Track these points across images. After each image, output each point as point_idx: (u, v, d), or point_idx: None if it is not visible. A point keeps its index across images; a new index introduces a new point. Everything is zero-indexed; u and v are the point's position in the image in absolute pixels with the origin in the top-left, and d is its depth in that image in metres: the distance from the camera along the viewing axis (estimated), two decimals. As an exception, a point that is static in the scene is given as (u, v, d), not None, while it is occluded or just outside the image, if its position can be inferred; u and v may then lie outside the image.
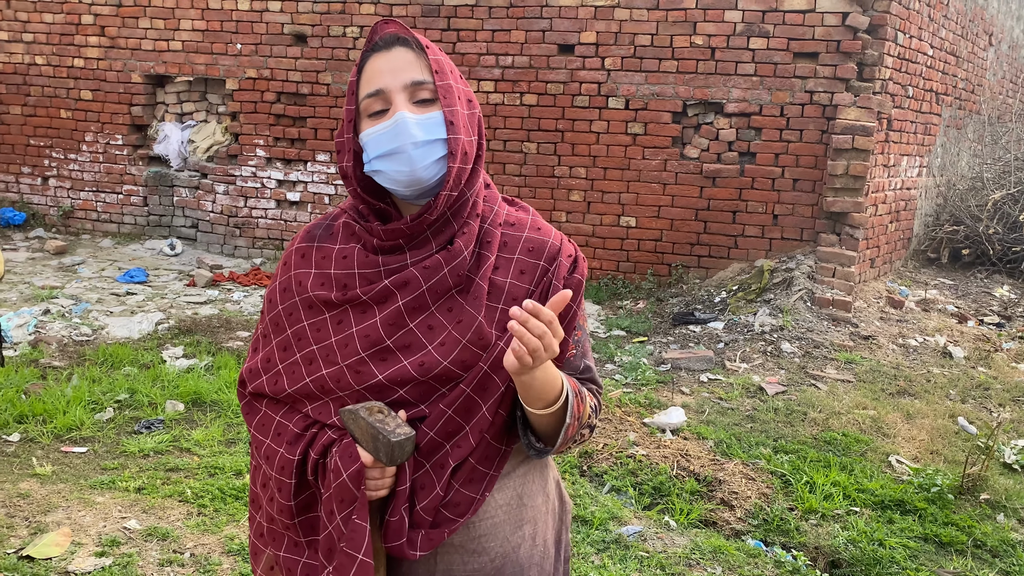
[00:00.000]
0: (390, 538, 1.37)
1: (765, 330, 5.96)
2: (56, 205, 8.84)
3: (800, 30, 6.59)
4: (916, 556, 3.35)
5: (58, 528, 3.24)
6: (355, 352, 1.38)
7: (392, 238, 1.39)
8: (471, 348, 1.36)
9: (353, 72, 1.40)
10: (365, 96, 1.37)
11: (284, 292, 1.47)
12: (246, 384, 1.52)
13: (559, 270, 1.42)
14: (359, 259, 1.41)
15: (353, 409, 1.34)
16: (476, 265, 1.40)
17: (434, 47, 1.39)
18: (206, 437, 4.14)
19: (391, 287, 1.37)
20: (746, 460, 4.03)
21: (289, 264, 1.48)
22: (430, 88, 1.36)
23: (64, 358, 5.19)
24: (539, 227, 1.47)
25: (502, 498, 1.44)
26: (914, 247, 8.55)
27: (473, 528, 1.42)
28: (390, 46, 1.38)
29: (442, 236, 1.39)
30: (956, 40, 8.27)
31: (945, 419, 4.80)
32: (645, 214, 7.14)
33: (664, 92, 6.97)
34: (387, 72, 1.36)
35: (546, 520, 1.52)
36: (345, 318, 1.40)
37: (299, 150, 8.01)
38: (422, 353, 1.36)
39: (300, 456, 1.40)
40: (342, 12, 7.67)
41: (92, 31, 8.40)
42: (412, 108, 1.35)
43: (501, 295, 1.40)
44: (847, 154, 6.48)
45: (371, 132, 1.36)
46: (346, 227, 1.46)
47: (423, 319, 1.38)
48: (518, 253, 1.43)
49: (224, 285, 7.24)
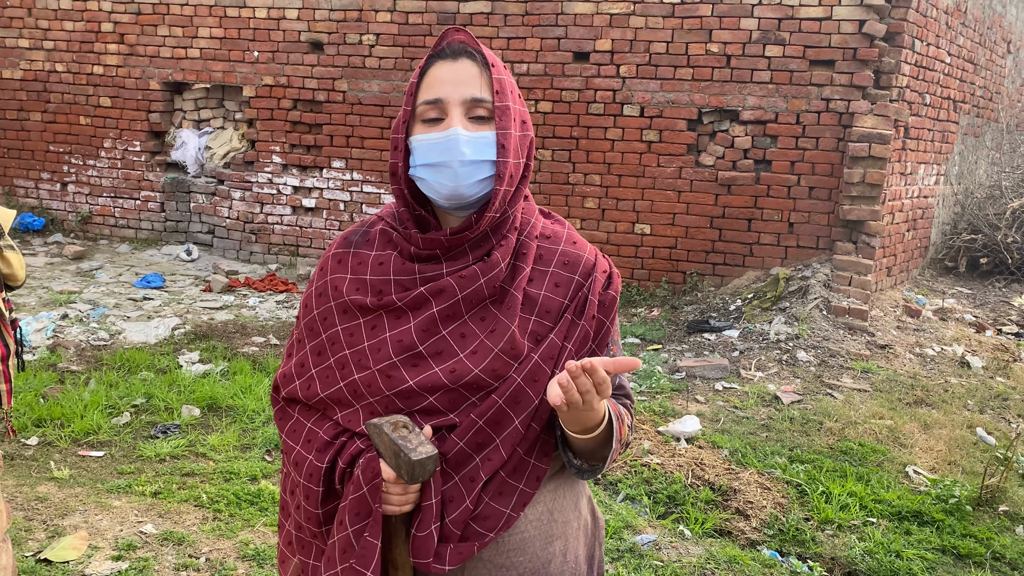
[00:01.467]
0: (418, 553, 1.35)
1: (780, 339, 5.93)
2: (75, 210, 8.92)
3: (816, 38, 6.57)
4: (934, 568, 3.32)
5: (75, 532, 3.26)
6: (387, 357, 1.38)
7: (430, 248, 1.39)
8: (503, 357, 1.36)
9: (415, 74, 1.40)
10: (423, 102, 1.37)
11: (320, 297, 1.47)
12: (280, 389, 1.52)
13: (594, 285, 1.42)
14: (395, 266, 1.42)
15: (378, 423, 1.33)
16: (511, 276, 1.40)
17: (499, 64, 1.39)
18: (222, 442, 4.16)
19: (426, 294, 1.38)
20: (761, 469, 4.01)
21: (325, 269, 1.49)
22: (488, 107, 1.36)
23: (82, 362, 5.23)
24: (575, 241, 1.47)
25: (532, 513, 1.42)
26: (931, 256, 8.49)
27: (502, 543, 1.40)
28: (457, 56, 1.38)
29: (480, 249, 1.40)
30: (974, 48, 8.22)
31: (963, 429, 4.75)
32: (660, 221, 7.13)
33: (679, 99, 6.96)
34: (448, 83, 1.36)
35: (577, 536, 1.50)
36: (379, 323, 1.41)
37: (315, 157, 8.05)
38: (453, 360, 1.36)
39: (328, 464, 1.40)
40: (358, 20, 7.72)
41: (111, 39, 8.49)
42: (466, 124, 1.35)
43: (535, 307, 1.40)
44: (864, 162, 6.45)
45: (422, 139, 1.37)
46: (383, 234, 1.46)
47: (456, 327, 1.38)
48: (553, 266, 1.43)
49: (240, 291, 7.28)
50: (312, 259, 8.16)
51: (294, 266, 8.13)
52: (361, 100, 7.81)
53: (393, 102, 7.72)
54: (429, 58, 1.40)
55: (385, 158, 7.85)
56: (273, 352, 5.58)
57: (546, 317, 1.40)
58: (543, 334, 1.39)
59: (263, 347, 5.71)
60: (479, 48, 1.38)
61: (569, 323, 1.40)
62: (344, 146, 7.94)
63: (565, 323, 1.40)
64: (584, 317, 1.40)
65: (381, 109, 7.78)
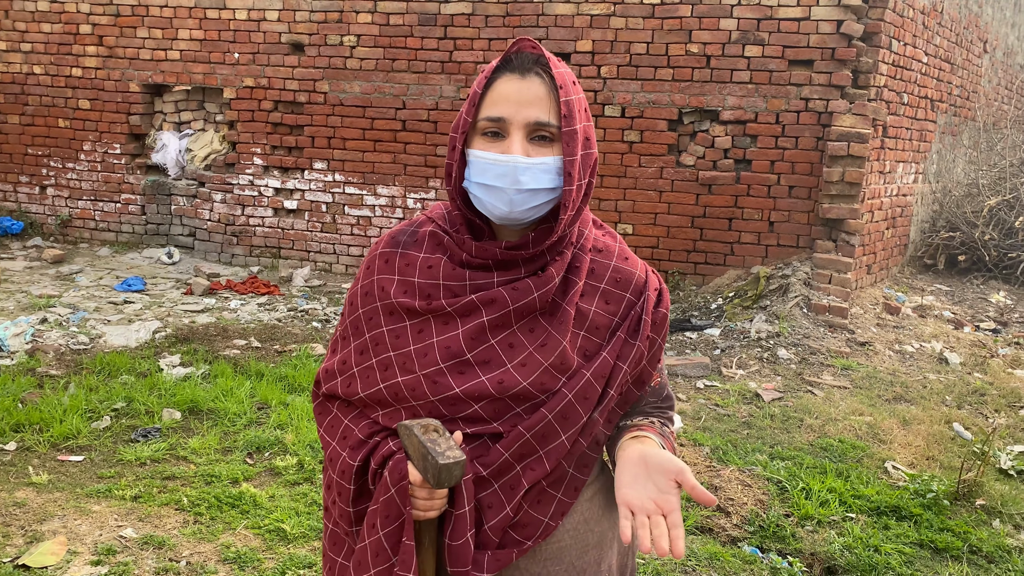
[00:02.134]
0: (455, 561, 1.34)
1: (761, 336, 5.97)
2: (54, 214, 8.85)
3: (795, 38, 6.62)
4: (912, 562, 3.35)
5: (54, 537, 3.24)
6: (434, 362, 1.36)
7: (482, 258, 1.37)
8: (552, 371, 1.35)
9: (480, 82, 1.35)
10: (485, 118, 1.33)
11: (366, 296, 1.45)
12: (321, 384, 1.51)
13: (647, 304, 1.42)
14: (445, 271, 1.39)
15: (408, 425, 1.32)
16: (562, 290, 1.39)
17: (568, 82, 1.33)
18: (203, 445, 4.15)
19: (477, 302, 1.36)
20: (742, 467, 4.03)
21: (372, 268, 1.47)
22: (552, 130, 1.32)
23: (61, 367, 5.19)
24: (626, 256, 1.46)
25: (569, 522, 1.42)
26: (911, 253, 8.57)
27: (539, 552, 1.40)
28: (526, 72, 1.33)
29: (534, 263, 1.38)
30: (951, 47, 8.31)
31: (941, 425, 4.80)
32: (642, 221, 7.16)
33: (660, 100, 7.00)
34: (514, 103, 1.31)
35: (612, 546, 1.49)
36: (426, 328, 1.39)
37: (296, 158, 8.03)
38: (501, 371, 1.35)
39: (360, 462, 1.39)
40: (339, 21, 7.70)
41: (90, 41, 8.43)
42: (527, 148, 1.32)
43: (585, 322, 1.39)
44: (842, 161, 6.50)
45: (480, 155, 1.33)
46: (433, 236, 1.44)
47: (504, 336, 1.36)
48: (605, 283, 1.42)
49: (221, 293, 7.25)
50: (293, 261, 8.14)
51: (276, 268, 8.10)
52: (343, 101, 7.80)
53: (375, 103, 7.72)
54: (497, 67, 1.35)
55: (367, 159, 7.84)
56: (254, 355, 5.56)
57: (596, 333, 1.39)
58: (592, 350, 1.38)
59: (244, 350, 5.68)
60: (550, 65, 1.33)
61: (623, 342, 1.39)
62: (326, 147, 7.92)
63: (618, 342, 1.39)
64: (639, 337, 1.40)
65: (363, 110, 7.76)
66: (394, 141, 7.73)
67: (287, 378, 5.09)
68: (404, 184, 7.75)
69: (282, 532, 3.35)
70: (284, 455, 4.09)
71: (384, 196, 7.83)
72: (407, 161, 7.71)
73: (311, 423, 4.40)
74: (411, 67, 7.56)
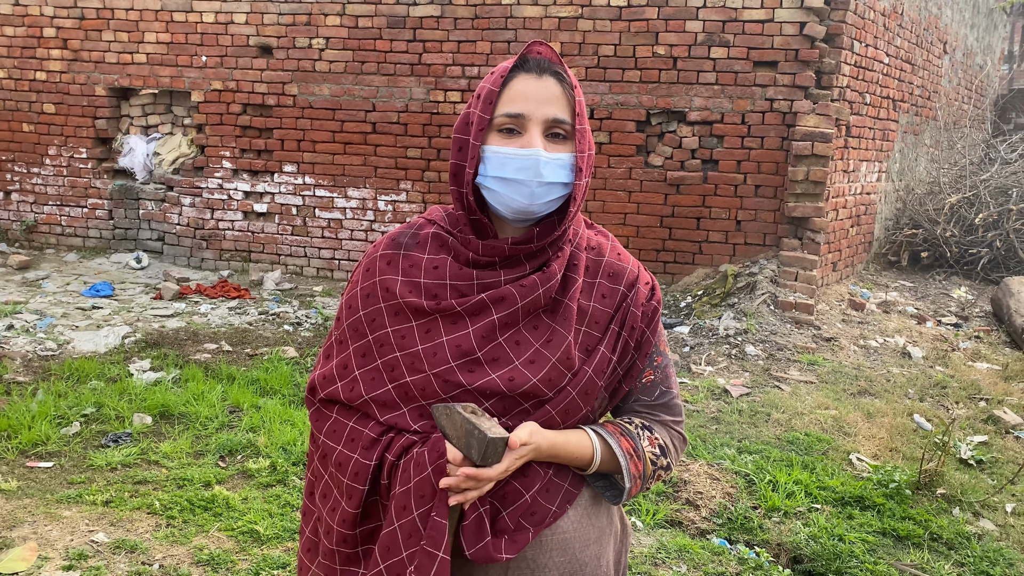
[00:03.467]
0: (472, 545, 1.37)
1: (730, 333, 6.06)
2: (19, 219, 8.74)
3: (759, 39, 6.73)
4: (875, 550, 3.44)
5: (24, 543, 3.22)
6: (444, 361, 1.39)
7: (489, 255, 1.41)
8: (559, 368, 1.39)
9: (496, 81, 1.40)
10: (504, 114, 1.38)
11: (367, 298, 1.46)
12: (317, 391, 1.50)
13: (637, 296, 1.47)
14: (451, 271, 1.43)
15: (449, 405, 1.34)
16: (563, 287, 1.43)
17: (578, 85, 1.42)
18: (174, 449, 4.14)
19: (487, 301, 1.40)
20: (711, 461, 4.11)
21: (373, 270, 1.48)
22: (566, 128, 1.39)
23: (29, 373, 5.14)
24: (619, 253, 1.52)
25: (574, 515, 1.45)
26: (875, 250, 8.73)
27: (545, 542, 1.43)
28: (543, 72, 1.39)
29: (536, 260, 1.42)
30: (911, 48, 8.48)
31: (904, 417, 4.92)
32: (611, 221, 7.23)
33: (628, 101, 7.08)
34: (533, 100, 1.38)
35: (609, 542, 1.53)
36: (434, 327, 1.41)
37: (266, 161, 8.00)
38: (510, 368, 1.39)
39: (376, 461, 1.40)
40: (308, 24, 7.69)
41: (54, 44, 8.34)
42: (546, 144, 1.38)
43: (585, 317, 1.44)
44: (807, 160, 6.62)
45: (499, 151, 1.38)
46: (435, 237, 1.47)
47: (511, 335, 1.40)
48: (600, 278, 1.47)
49: (191, 298, 7.21)
50: (264, 264, 8.11)
51: (247, 272, 8.07)
52: (312, 104, 7.79)
53: (344, 105, 7.71)
54: (513, 68, 1.40)
55: (337, 162, 7.83)
56: (226, 358, 5.55)
57: (595, 328, 1.44)
58: (592, 345, 1.43)
59: (216, 354, 5.66)
60: (565, 68, 1.41)
61: (615, 335, 1.44)
62: (295, 150, 7.90)
63: (612, 335, 1.44)
64: (625, 328, 1.45)
65: (332, 113, 7.76)
66: (364, 144, 7.74)
67: (259, 381, 5.08)
68: (375, 186, 7.76)
69: (255, 534, 3.36)
70: (257, 458, 4.09)
71: (355, 199, 7.83)
72: (377, 163, 7.72)
73: (283, 425, 4.40)
74: (380, 69, 7.57)
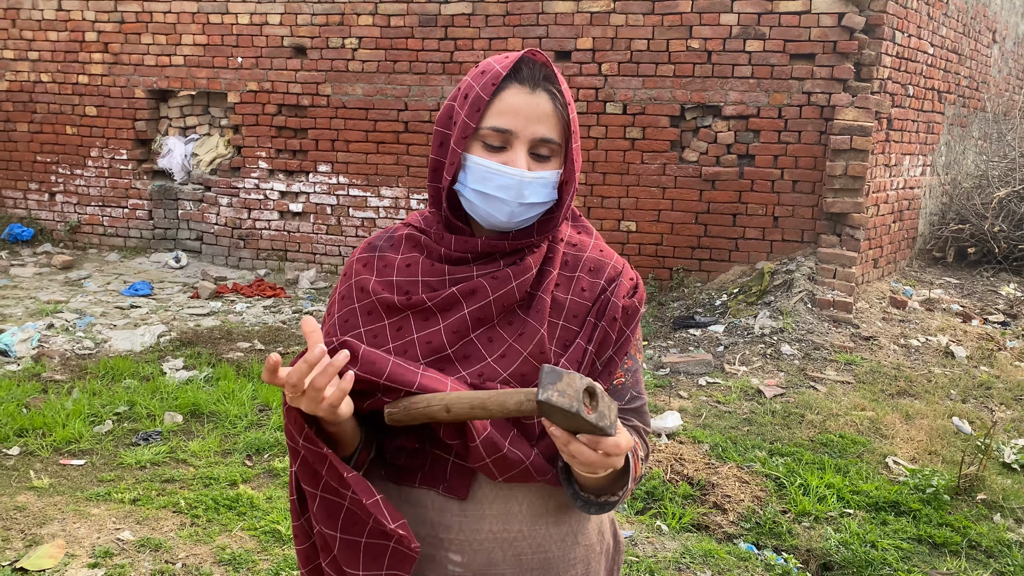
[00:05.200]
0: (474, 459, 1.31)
1: (765, 332, 5.93)
2: (63, 220, 8.94)
3: (796, 31, 6.58)
4: (909, 557, 3.33)
5: (53, 540, 3.27)
6: (414, 359, 1.34)
7: (462, 251, 1.38)
8: (531, 362, 1.34)
9: (487, 87, 1.33)
10: (491, 127, 1.32)
11: (342, 300, 1.44)
12: None
13: (618, 289, 1.40)
14: (423, 268, 1.40)
15: (565, 409, 1.13)
16: (538, 280, 1.39)
17: (570, 99, 1.35)
18: (203, 448, 4.17)
19: (458, 295, 1.36)
20: (741, 463, 4.02)
21: (349, 274, 1.46)
22: (553, 147, 1.34)
23: (66, 372, 5.24)
24: (601, 249, 1.46)
25: (557, 533, 1.39)
26: (919, 246, 8.49)
27: (526, 560, 1.37)
28: (536, 86, 1.33)
29: (511, 255, 1.39)
30: (958, 38, 8.22)
31: (945, 419, 4.76)
32: (645, 218, 7.14)
33: (661, 96, 6.97)
34: (522, 117, 1.32)
35: (599, 560, 1.46)
36: (405, 324, 1.37)
37: (300, 161, 8.07)
38: (481, 364, 1.34)
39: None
40: (340, 24, 7.73)
41: (96, 48, 8.50)
42: (531, 162, 1.33)
43: (562, 311, 1.38)
44: (845, 155, 6.45)
45: (481, 163, 1.33)
46: (409, 238, 1.44)
47: (484, 331, 1.36)
48: (579, 271, 1.42)
49: (228, 297, 7.30)
50: (299, 263, 8.17)
51: (282, 271, 8.15)
52: (345, 104, 7.83)
53: (377, 105, 7.73)
54: (505, 76, 1.33)
55: (371, 161, 7.86)
56: (258, 357, 5.59)
57: (573, 322, 1.38)
58: (570, 339, 1.37)
59: (248, 352, 5.72)
60: (558, 80, 1.34)
61: (592, 326, 1.38)
62: (329, 150, 7.95)
63: (589, 326, 1.38)
64: (604, 318, 1.38)
65: (365, 112, 7.79)
66: (397, 143, 7.75)
67: (289, 380, 5.10)
68: (407, 185, 7.77)
69: (277, 533, 3.37)
70: (283, 456, 4.11)
71: (388, 197, 7.85)
72: (410, 162, 7.72)
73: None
74: (412, 68, 7.58)
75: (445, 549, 1.36)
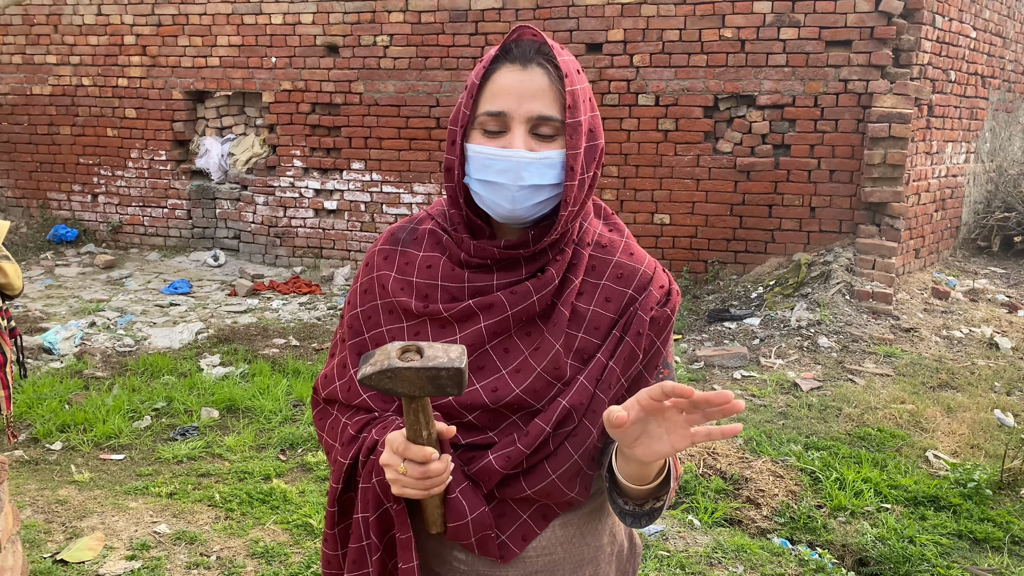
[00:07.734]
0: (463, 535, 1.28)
1: (802, 325, 5.84)
2: (105, 221, 9.13)
3: (831, 18, 6.45)
4: (948, 553, 3.25)
5: (92, 533, 3.34)
6: None
7: (481, 257, 1.31)
8: (546, 378, 1.28)
9: (479, 72, 1.27)
10: (485, 112, 1.25)
11: (365, 294, 1.40)
12: (320, 391, 1.45)
13: (647, 300, 1.31)
14: (444, 271, 1.34)
15: (382, 369, 1.09)
16: (559, 289, 1.31)
17: (572, 70, 1.25)
18: (238, 443, 4.23)
19: (475, 308, 1.30)
20: (775, 457, 3.96)
21: (371, 265, 1.41)
22: (555, 124, 1.24)
23: (107, 369, 5.35)
24: (631, 252, 1.36)
25: (564, 534, 1.35)
26: (963, 236, 8.29)
27: (530, 563, 1.33)
28: (527, 63, 1.25)
29: (534, 263, 1.31)
30: (1002, 21, 8.00)
31: (988, 412, 4.64)
32: (679, 211, 7.06)
33: (694, 87, 6.89)
34: (515, 96, 1.24)
35: (610, 561, 1.41)
36: (423, 330, 1.33)
37: (335, 159, 8.13)
38: (495, 377, 1.29)
39: (351, 460, 1.33)
40: (372, 21, 7.77)
41: (134, 51, 8.66)
42: (530, 142, 1.25)
43: (582, 323, 1.30)
44: (884, 143, 6.32)
45: (480, 150, 1.26)
46: (432, 235, 1.38)
47: (500, 341, 1.31)
48: (605, 279, 1.33)
49: (264, 294, 7.39)
50: (334, 260, 8.24)
51: (318, 268, 8.22)
52: (378, 101, 7.87)
53: (409, 102, 7.76)
54: (496, 58, 1.26)
55: (403, 158, 7.89)
56: (292, 353, 5.65)
57: (594, 334, 1.30)
58: (590, 352, 1.30)
59: (283, 348, 5.78)
60: (553, 53, 1.25)
61: (617, 340, 1.30)
62: (363, 147, 8.00)
63: (613, 340, 1.30)
64: (630, 333, 1.30)
65: (397, 109, 7.82)
66: (429, 139, 7.77)
67: (323, 376, 5.15)
68: (440, 181, 7.78)
69: (309, 527, 3.40)
70: (316, 451, 4.15)
71: (420, 194, 7.88)
72: (442, 158, 7.72)
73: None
74: (443, 64, 7.59)
75: (451, 546, 1.35)
